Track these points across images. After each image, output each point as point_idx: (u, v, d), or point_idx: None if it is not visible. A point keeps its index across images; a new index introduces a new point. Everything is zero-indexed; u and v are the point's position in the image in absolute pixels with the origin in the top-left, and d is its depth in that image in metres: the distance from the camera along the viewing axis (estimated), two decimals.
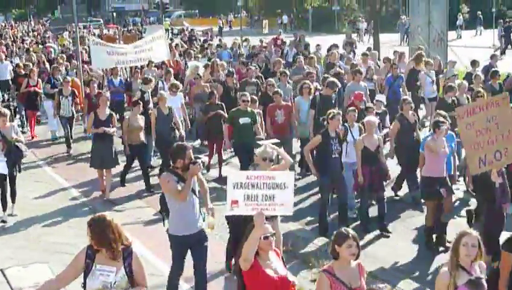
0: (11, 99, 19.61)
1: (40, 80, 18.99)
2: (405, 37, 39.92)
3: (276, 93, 13.77)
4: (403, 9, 48.15)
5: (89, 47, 22.92)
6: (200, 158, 7.49)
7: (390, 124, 13.10)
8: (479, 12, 47.89)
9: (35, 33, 43.28)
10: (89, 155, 13.56)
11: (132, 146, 13.09)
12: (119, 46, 21.18)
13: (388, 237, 10.65)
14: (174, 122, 13.56)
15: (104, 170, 12.87)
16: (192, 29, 36.86)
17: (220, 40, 34.32)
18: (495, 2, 44.40)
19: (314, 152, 11.12)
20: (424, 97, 17.53)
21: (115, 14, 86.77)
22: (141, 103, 13.48)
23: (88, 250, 5.80)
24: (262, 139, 11.16)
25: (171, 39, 27.76)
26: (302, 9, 67.17)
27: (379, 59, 21.21)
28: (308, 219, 11.46)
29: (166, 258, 9.10)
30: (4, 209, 11.42)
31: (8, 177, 11.34)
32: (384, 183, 11.05)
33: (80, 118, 18.32)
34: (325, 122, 10.98)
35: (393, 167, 12.27)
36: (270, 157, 8.49)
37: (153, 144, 14.18)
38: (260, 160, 8.50)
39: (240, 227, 6.71)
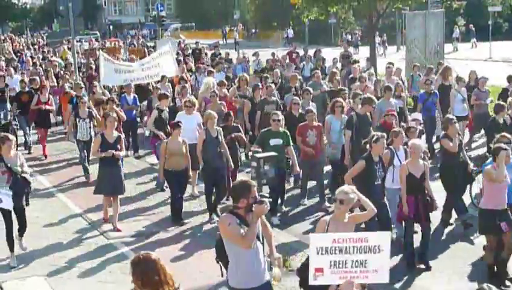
0: (12, 117, 18.23)
1: (51, 97, 18.26)
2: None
3: (309, 112, 12.81)
4: (399, 22, 48.26)
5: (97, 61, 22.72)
6: (266, 197, 6.38)
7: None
8: (471, 25, 48.14)
9: (36, 46, 42.12)
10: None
11: (171, 172, 11.80)
12: (127, 64, 20.65)
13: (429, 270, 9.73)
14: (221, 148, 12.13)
15: (112, 197, 11.70)
16: (197, 42, 35.07)
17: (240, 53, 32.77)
18: (491, 15, 44.59)
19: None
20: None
21: (111, 27, 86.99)
22: (180, 125, 12.00)
23: None
24: (259, 152, 10.93)
25: (178, 53, 26.89)
26: (298, 22, 67.27)
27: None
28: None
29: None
30: (11, 249, 10.10)
31: (15, 211, 10.04)
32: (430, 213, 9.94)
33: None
34: (368, 146, 9.92)
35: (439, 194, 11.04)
36: (348, 200, 7.07)
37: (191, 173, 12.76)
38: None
39: None
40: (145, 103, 17.77)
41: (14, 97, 18.61)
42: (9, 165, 9.78)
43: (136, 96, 17.68)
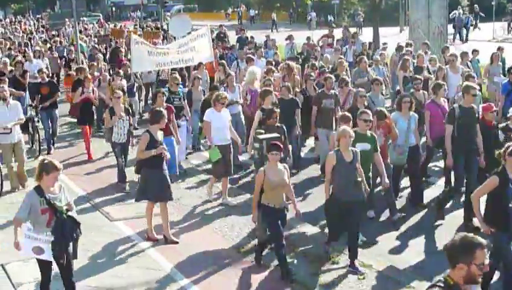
0: (33, 113, 16.52)
1: (95, 89, 16.29)
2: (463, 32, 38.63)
3: (376, 113, 10.72)
4: (402, 3, 48.03)
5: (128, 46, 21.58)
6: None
7: None
8: (476, 6, 47.79)
9: (44, 29, 39.90)
10: None
11: (271, 210, 8.79)
12: (161, 46, 19.44)
13: None
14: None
15: (159, 203, 10.11)
16: (221, 25, 31.44)
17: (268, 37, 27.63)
18: None
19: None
20: None
21: (113, 8, 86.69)
22: (277, 153, 8.81)
23: None
24: (262, 134, 10.81)
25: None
26: (301, 3, 66.97)
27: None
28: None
29: (164, 253, 9.19)
30: None
31: (58, 265, 7.61)
32: None
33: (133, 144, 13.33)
34: (502, 159, 7.86)
35: None
36: None
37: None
38: None
39: None
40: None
41: (32, 89, 17.15)
42: (52, 201, 7.31)
43: (182, 85, 15.96)
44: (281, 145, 8.91)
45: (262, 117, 11.80)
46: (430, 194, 12.15)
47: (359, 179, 8.94)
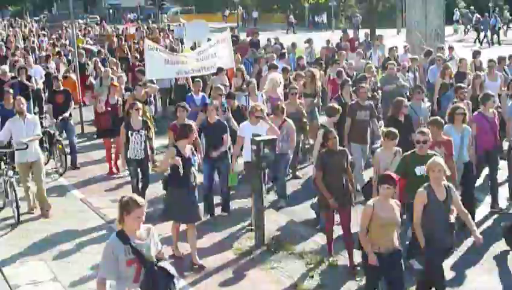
0: (47, 124, 14.70)
1: (120, 99, 14.37)
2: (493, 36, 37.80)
3: (436, 123, 9.57)
4: (399, 5, 48.11)
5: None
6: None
7: None
8: (472, 8, 47.76)
9: (44, 32, 38.56)
10: None
11: (380, 258, 7.31)
12: (180, 54, 18.29)
13: None
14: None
15: (186, 225, 9.43)
16: (233, 28, 30.00)
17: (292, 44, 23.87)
18: None
19: None
20: None
21: (111, 10, 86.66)
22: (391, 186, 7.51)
23: None
24: (259, 136, 10.37)
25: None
26: (298, 5, 67.00)
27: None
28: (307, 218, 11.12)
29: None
30: None
31: None
32: None
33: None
34: None
35: None
36: None
37: None
38: None
39: None
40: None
41: (48, 99, 15.71)
42: (139, 250, 5.82)
43: (205, 95, 14.97)
44: (396, 178, 7.40)
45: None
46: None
47: (452, 220, 7.55)
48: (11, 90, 13.72)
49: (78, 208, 11.96)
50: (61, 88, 14.99)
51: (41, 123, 12.96)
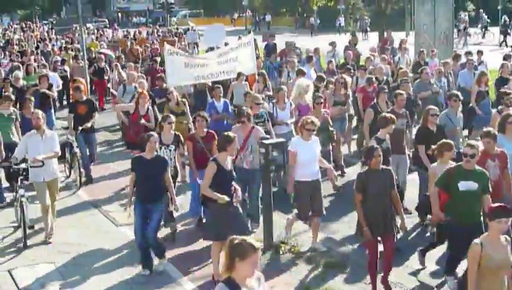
0: (73, 137, 13.58)
1: (150, 108, 13.22)
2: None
3: (490, 135, 8.76)
4: (408, 8, 48.02)
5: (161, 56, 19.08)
6: None
7: None
8: (482, 11, 47.65)
9: (56, 36, 38.33)
10: None
11: None
12: (201, 57, 17.26)
13: None
14: None
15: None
16: (250, 31, 29.43)
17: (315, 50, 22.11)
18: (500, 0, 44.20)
19: None
20: None
21: (119, 14, 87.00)
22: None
23: None
24: (267, 139, 10.35)
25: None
26: (307, 8, 67.06)
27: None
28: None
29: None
30: None
31: None
32: None
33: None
34: None
35: None
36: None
37: None
38: None
39: None
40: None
41: (70, 109, 14.36)
42: None
43: (228, 101, 14.35)
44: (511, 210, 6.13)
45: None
46: None
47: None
48: (32, 98, 13.35)
49: (89, 212, 11.98)
50: (84, 98, 14.15)
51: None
